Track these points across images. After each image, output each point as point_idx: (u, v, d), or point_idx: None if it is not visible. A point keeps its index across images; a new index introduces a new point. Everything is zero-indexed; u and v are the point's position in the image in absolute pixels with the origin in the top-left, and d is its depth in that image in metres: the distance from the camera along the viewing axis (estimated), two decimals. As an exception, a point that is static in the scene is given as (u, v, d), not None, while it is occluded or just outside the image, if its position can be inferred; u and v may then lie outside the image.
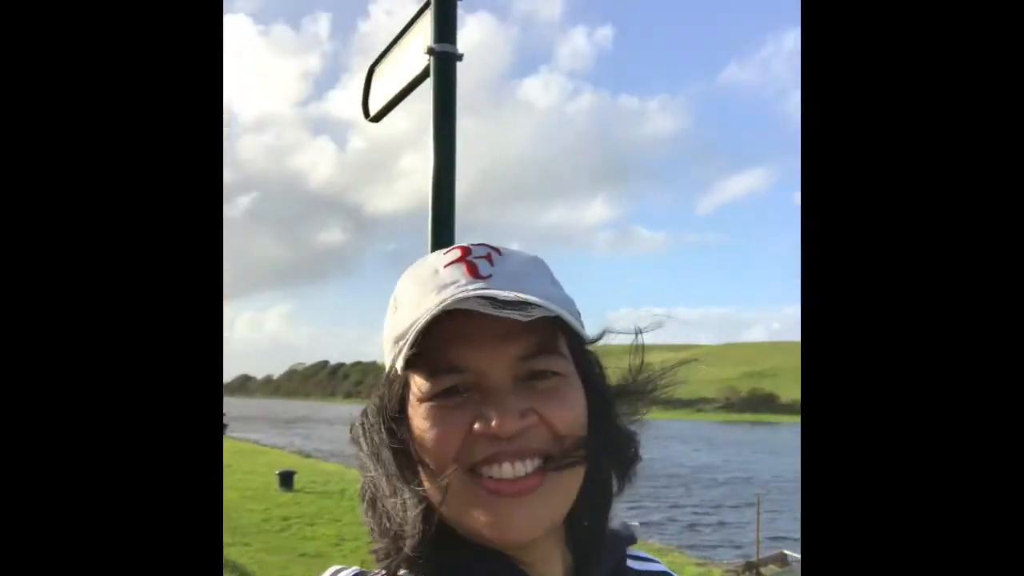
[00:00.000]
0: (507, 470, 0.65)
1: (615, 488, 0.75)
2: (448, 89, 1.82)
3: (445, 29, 1.82)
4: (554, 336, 0.68)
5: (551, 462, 0.66)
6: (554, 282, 0.73)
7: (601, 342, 0.73)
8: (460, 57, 1.83)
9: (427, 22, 1.85)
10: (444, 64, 1.82)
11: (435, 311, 0.63)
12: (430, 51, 1.82)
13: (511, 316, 0.62)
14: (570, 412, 0.68)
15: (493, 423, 0.64)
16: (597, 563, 0.73)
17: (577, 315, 0.69)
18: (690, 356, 0.80)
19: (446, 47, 1.82)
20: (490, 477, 0.65)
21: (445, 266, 0.69)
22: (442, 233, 1.79)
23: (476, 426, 0.65)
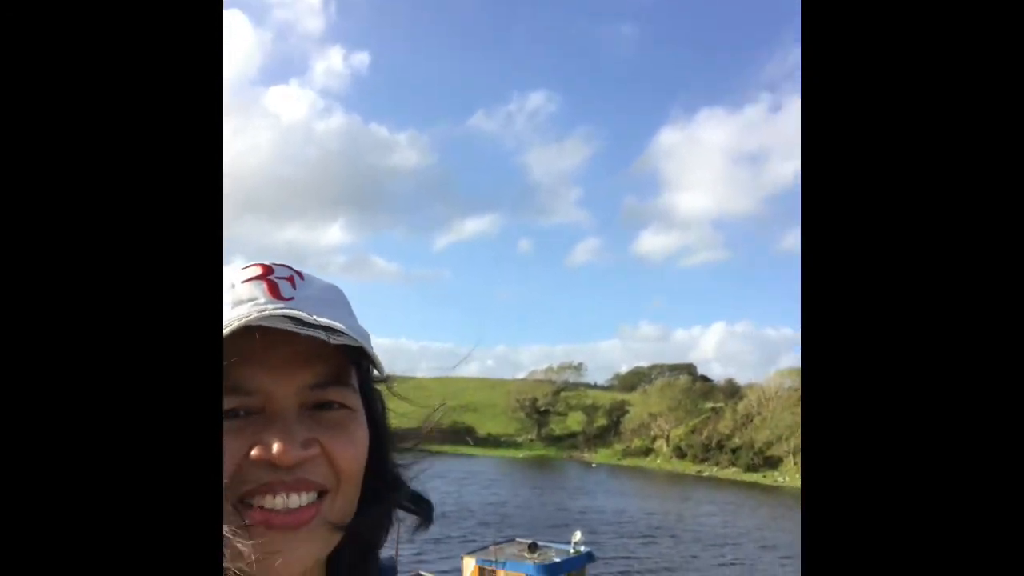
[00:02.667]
0: (280, 501, 0.61)
1: (383, 527, 0.74)
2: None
3: None
4: (347, 368, 0.67)
5: (327, 497, 0.64)
6: (351, 314, 0.70)
7: None
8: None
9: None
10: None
11: (235, 325, 0.59)
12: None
13: (319, 336, 0.60)
14: (353, 447, 0.66)
15: (274, 449, 0.60)
16: None
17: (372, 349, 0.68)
18: (405, 390, 0.78)
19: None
20: (261, 507, 0.60)
21: (243, 281, 0.65)
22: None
23: (254, 452, 0.61)
